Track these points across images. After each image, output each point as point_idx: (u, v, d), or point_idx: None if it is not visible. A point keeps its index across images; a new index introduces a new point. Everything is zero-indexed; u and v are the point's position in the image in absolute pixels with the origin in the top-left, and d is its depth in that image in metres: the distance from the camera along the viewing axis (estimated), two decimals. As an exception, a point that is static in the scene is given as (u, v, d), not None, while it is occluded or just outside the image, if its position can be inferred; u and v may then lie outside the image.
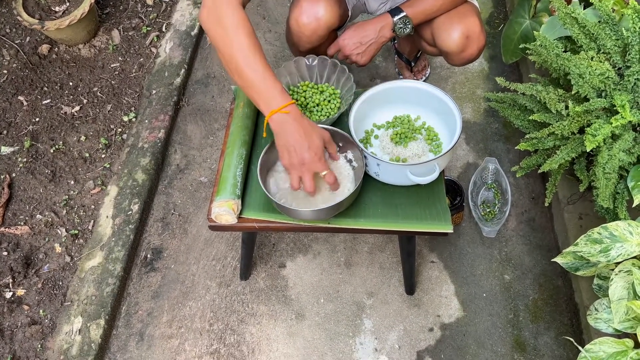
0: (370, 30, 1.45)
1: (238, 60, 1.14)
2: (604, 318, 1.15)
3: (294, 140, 1.13)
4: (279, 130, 1.14)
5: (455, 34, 1.42)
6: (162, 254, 1.71)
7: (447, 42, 1.44)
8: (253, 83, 1.14)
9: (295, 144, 1.13)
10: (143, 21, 2.23)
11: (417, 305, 1.59)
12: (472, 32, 1.43)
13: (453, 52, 1.46)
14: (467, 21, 1.42)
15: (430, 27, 1.49)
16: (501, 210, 1.70)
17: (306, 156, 1.13)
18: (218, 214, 1.21)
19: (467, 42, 1.44)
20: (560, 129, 1.28)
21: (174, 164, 1.91)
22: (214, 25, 1.16)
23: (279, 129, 1.14)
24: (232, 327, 1.57)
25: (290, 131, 1.13)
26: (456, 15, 1.43)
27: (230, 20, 1.14)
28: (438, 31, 1.46)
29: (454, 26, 1.42)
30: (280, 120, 1.13)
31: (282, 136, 1.14)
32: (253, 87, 1.14)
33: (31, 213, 1.74)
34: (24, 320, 1.54)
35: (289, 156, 1.14)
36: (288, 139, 1.13)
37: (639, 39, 1.23)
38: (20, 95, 2.01)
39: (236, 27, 1.13)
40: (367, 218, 1.24)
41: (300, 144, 1.13)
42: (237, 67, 1.14)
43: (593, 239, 1.12)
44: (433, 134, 1.33)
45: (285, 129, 1.13)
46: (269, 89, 1.13)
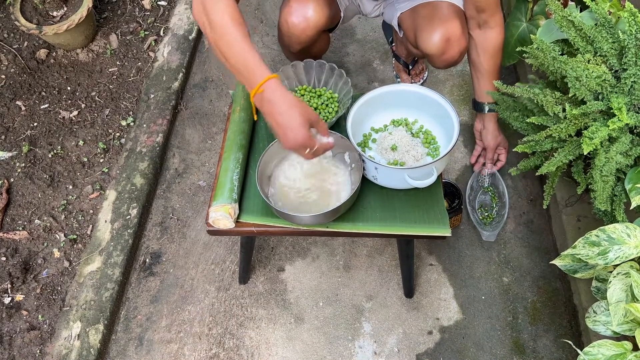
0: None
1: (222, 45, 1.10)
2: (603, 320, 1.15)
3: (275, 121, 1.07)
4: (262, 109, 1.09)
5: (435, 37, 1.42)
6: (161, 258, 1.71)
7: (428, 45, 1.44)
8: (235, 65, 1.10)
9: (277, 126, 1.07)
10: (141, 25, 2.23)
11: (416, 308, 1.59)
12: (453, 35, 1.43)
13: (434, 55, 1.46)
14: (448, 24, 1.43)
15: (414, 28, 1.50)
16: (499, 213, 1.70)
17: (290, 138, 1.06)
18: (215, 218, 1.21)
19: (448, 44, 1.43)
20: (558, 132, 1.28)
21: (172, 168, 1.91)
22: (201, 14, 1.13)
23: (261, 108, 1.09)
24: (231, 331, 1.56)
25: (269, 112, 1.07)
26: (438, 18, 1.44)
27: (217, 5, 1.10)
28: (419, 33, 1.46)
29: (435, 29, 1.42)
30: (260, 100, 1.08)
31: (265, 115, 1.09)
32: (236, 70, 1.10)
33: (30, 218, 1.74)
34: (23, 326, 1.54)
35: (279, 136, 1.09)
36: (270, 119, 1.08)
37: (635, 42, 1.23)
38: (18, 100, 2.01)
39: (222, 12, 1.10)
40: (366, 222, 1.25)
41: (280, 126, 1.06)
42: (222, 52, 1.11)
43: (591, 241, 1.12)
44: (431, 138, 1.33)
45: (265, 109, 1.08)
46: (248, 69, 1.08)
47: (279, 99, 1.06)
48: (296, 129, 1.05)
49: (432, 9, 1.47)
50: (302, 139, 1.05)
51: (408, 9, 1.54)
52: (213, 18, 1.09)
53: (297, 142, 1.05)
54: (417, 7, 1.52)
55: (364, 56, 2.16)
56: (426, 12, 1.48)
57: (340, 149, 1.29)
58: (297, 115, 1.05)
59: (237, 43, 1.08)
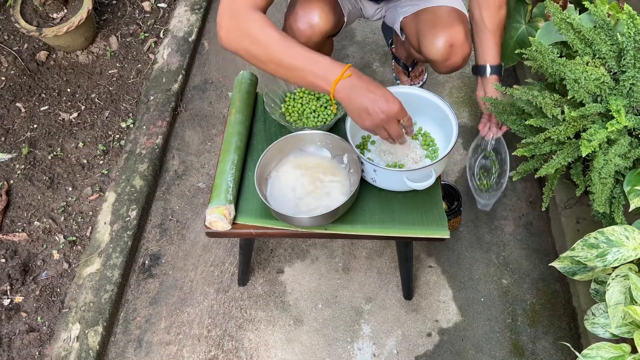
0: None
1: (280, 55, 1.11)
2: (601, 323, 1.15)
3: (367, 98, 1.09)
4: (348, 97, 1.11)
5: (439, 43, 1.42)
6: (160, 260, 1.71)
7: (432, 51, 1.43)
8: (304, 68, 1.11)
9: (370, 102, 1.10)
10: (141, 27, 2.24)
11: (415, 310, 1.59)
12: (457, 41, 1.42)
13: (437, 60, 1.45)
14: (452, 30, 1.42)
15: (417, 33, 1.49)
16: (498, 181, 1.59)
17: (385, 107, 1.10)
18: (211, 220, 1.21)
19: (451, 50, 1.43)
20: (557, 134, 1.28)
21: (171, 170, 1.91)
22: (239, 38, 1.13)
23: (347, 95, 1.11)
24: (230, 333, 1.56)
25: (359, 92, 1.10)
26: (441, 24, 1.43)
27: (254, 24, 1.12)
28: (423, 39, 1.46)
29: (439, 34, 1.42)
30: (345, 87, 1.10)
31: (353, 100, 1.11)
32: (305, 72, 1.11)
33: (29, 220, 1.74)
34: (22, 328, 1.54)
35: (370, 117, 1.11)
36: (361, 100, 1.10)
37: (634, 44, 1.23)
38: (18, 102, 2.01)
39: (262, 27, 1.12)
40: (364, 224, 1.25)
41: (375, 100, 1.10)
42: (280, 62, 1.12)
43: (590, 243, 1.12)
44: (429, 140, 1.33)
45: (353, 93, 1.10)
46: (321, 65, 1.11)
47: (367, 79, 1.11)
48: (392, 98, 1.11)
49: (435, 14, 1.47)
50: (398, 105, 1.11)
51: (411, 14, 1.54)
52: (260, 37, 1.11)
53: (394, 109, 1.10)
54: (420, 12, 1.51)
55: (364, 58, 2.17)
56: (429, 17, 1.47)
57: (339, 151, 1.29)
58: (388, 90, 1.12)
59: (298, 48, 1.11)
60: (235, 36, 1.14)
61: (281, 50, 1.11)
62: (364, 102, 1.10)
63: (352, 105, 1.12)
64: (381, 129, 1.13)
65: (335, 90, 1.10)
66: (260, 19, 1.12)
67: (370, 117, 1.11)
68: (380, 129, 1.13)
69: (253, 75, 1.50)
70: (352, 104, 1.11)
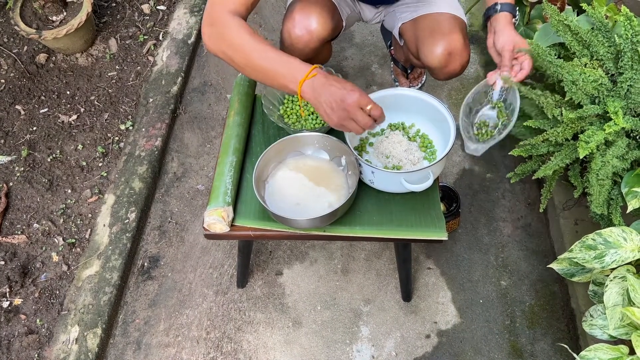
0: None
1: (253, 59, 1.14)
2: (599, 324, 1.15)
3: (329, 93, 1.10)
4: (313, 95, 1.11)
5: (437, 50, 1.41)
6: (159, 262, 1.71)
7: (430, 58, 1.43)
8: (274, 70, 1.13)
9: (331, 96, 1.10)
10: (140, 30, 2.24)
11: (414, 312, 1.59)
12: (455, 48, 1.42)
13: (435, 68, 1.45)
14: (450, 37, 1.42)
15: (415, 40, 1.49)
16: (500, 132, 1.37)
17: (347, 98, 1.09)
18: (209, 222, 1.21)
19: (450, 58, 1.43)
20: (555, 135, 1.28)
21: (171, 172, 1.91)
22: (218, 44, 1.17)
23: (312, 94, 1.11)
24: (229, 335, 1.57)
25: (322, 89, 1.10)
26: (440, 31, 1.42)
27: (230, 29, 1.15)
28: (421, 46, 1.46)
29: (437, 42, 1.41)
30: (311, 86, 1.11)
31: (318, 98, 1.11)
32: (276, 74, 1.13)
33: (28, 222, 1.74)
34: (21, 330, 1.54)
35: (334, 111, 1.10)
36: (324, 96, 1.10)
37: (631, 46, 1.24)
38: (17, 104, 2.01)
39: (237, 32, 1.14)
40: (362, 226, 1.25)
41: (335, 92, 1.10)
42: (254, 66, 1.14)
43: (587, 245, 1.12)
44: (427, 142, 1.34)
45: (317, 90, 1.11)
46: (290, 67, 1.12)
47: (331, 77, 1.12)
48: (352, 87, 1.10)
49: (434, 21, 1.47)
50: (358, 93, 1.09)
51: (409, 20, 1.54)
52: (235, 41, 1.15)
53: (354, 97, 1.09)
54: (418, 19, 1.51)
55: (363, 60, 2.17)
56: (428, 24, 1.47)
57: (337, 153, 1.29)
58: (350, 83, 1.12)
59: (269, 51, 1.13)
60: (214, 42, 1.18)
61: (254, 54, 1.13)
62: (327, 98, 1.10)
63: (317, 103, 1.12)
64: (349, 120, 1.11)
65: (302, 91, 1.12)
66: (236, 24, 1.15)
67: (334, 111, 1.10)
68: (349, 121, 1.11)
69: (251, 77, 1.50)
70: (317, 101, 1.11)
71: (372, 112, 1.11)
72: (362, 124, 1.11)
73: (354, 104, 1.09)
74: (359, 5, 1.61)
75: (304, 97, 1.13)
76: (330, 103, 1.10)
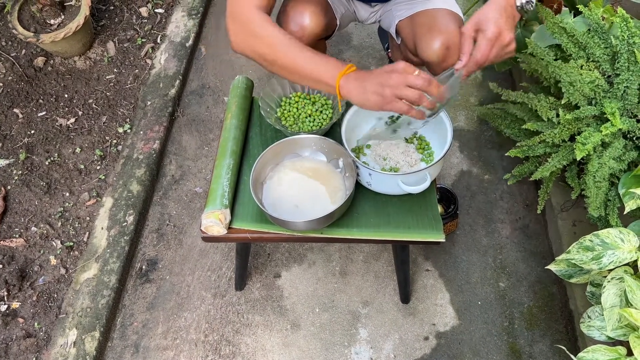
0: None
1: (286, 57, 1.13)
2: (597, 326, 1.15)
3: (374, 75, 1.08)
4: (355, 86, 1.10)
5: (435, 45, 1.42)
6: (157, 265, 1.71)
7: (428, 53, 1.43)
8: (308, 66, 1.13)
9: (377, 76, 1.08)
10: (138, 33, 2.24)
11: (413, 314, 1.59)
12: (453, 43, 1.42)
13: (434, 63, 1.45)
14: (447, 32, 1.42)
15: (413, 36, 1.50)
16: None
17: (394, 67, 1.06)
18: (207, 225, 1.21)
19: (448, 52, 1.43)
20: (552, 137, 1.28)
21: (169, 174, 1.91)
22: (246, 40, 1.16)
23: (353, 85, 1.10)
24: (227, 338, 1.56)
25: (364, 77, 1.09)
26: (437, 26, 1.43)
27: (257, 24, 1.14)
28: (419, 41, 1.46)
29: (435, 37, 1.42)
30: (349, 79, 1.10)
31: (359, 89, 1.09)
32: (311, 70, 1.13)
33: (26, 225, 1.74)
34: (19, 333, 1.54)
35: (382, 88, 1.07)
36: (369, 81, 1.08)
37: (627, 47, 1.24)
38: (15, 107, 2.02)
39: (264, 27, 1.14)
40: (360, 228, 1.25)
41: (380, 73, 1.08)
42: (286, 64, 1.14)
43: (585, 246, 1.12)
44: (425, 143, 1.34)
45: (361, 78, 1.09)
46: (326, 65, 1.12)
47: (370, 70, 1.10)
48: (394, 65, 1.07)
49: (431, 17, 1.47)
50: (402, 63, 1.06)
51: (406, 17, 1.54)
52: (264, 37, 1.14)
53: (400, 66, 1.06)
54: (415, 15, 1.52)
55: (360, 62, 2.17)
56: (425, 20, 1.48)
57: (335, 155, 1.29)
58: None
59: (303, 48, 1.13)
60: (242, 38, 1.17)
61: (286, 49, 1.13)
62: (373, 80, 1.08)
63: (357, 92, 1.10)
64: (403, 88, 1.05)
65: (341, 86, 1.11)
66: (263, 19, 1.15)
67: (384, 87, 1.07)
68: (403, 89, 1.05)
69: (249, 79, 1.50)
70: (362, 89, 1.09)
71: (423, 75, 1.07)
72: (419, 85, 1.06)
73: (402, 69, 1.07)
74: (354, 3, 1.61)
75: (342, 91, 1.11)
76: (378, 80, 1.08)
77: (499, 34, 1.10)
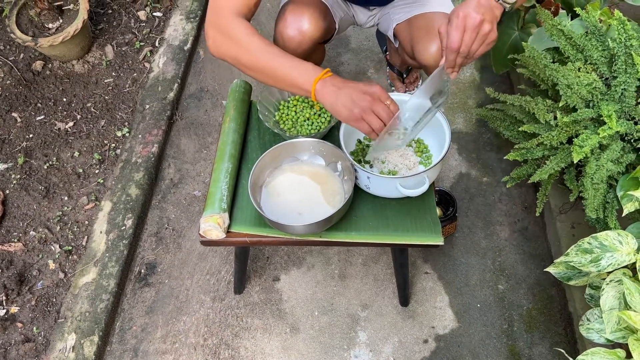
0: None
1: (263, 62, 1.14)
2: (596, 328, 1.15)
3: (349, 88, 1.10)
4: (329, 92, 1.11)
5: (432, 48, 1.42)
6: (156, 268, 1.71)
7: (425, 56, 1.44)
8: (284, 71, 1.14)
9: (352, 90, 1.09)
10: (136, 36, 2.24)
11: (412, 317, 1.59)
12: None
13: (431, 66, 1.46)
14: None
15: (410, 40, 1.50)
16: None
17: (369, 89, 1.09)
18: (205, 229, 1.21)
19: None
20: (550, 139, 1.28)
21: (167, 178, 1.91)
22: (225, 46, 1.17)
23: (328, 91, 1.11)
24: (226, 341, 1.56)
25: (340, 86, 1.10)
26: (434, 29, 1.43)
27: (236, 30, 1.15)
28: (416, 45, 1.46)
29: (432, 40, 1.42)
30: (325, 84, 1.11)
31: (336, 92, 1.10)
32: (286, 75, 1.14)
33: (25, 230, 1.74)
34: (18, 338, 1.54)
35: (354, 103, 1.09)
36: (343, 91, 1.10)
37: (624, 50, 1.24)
38: (14, 111, 2.01)
39: (244, 33, 1.15)
40: (359, 231, 1.25)
41: (355, 87, 1.10)
42: (263, 68, 1.15)
43: (583, 248, 1.12)
44: (423, 147, 1.34)
45: (336, 85, 1.11)
46: (302, 70, 1.13)
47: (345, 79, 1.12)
48: (369, 83, 1.10)
49: (428, 20, 1.47)
50: (379, 87, 1.09)
51: (404, 20, 1.55)
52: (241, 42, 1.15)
53: (376, 89, 1.09)
54: (413, 19, 1.52)
55: (359, 65, 2.17)
56: (422, 24, 1.48)
57: (333, 159, 1.29)
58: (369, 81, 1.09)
59: (279, 52, 1.14)
60: (220, 44, 1.18)
61: (263, 54, 1.14)
62: (347, 91, 1.10)
63: (335, 99, 1.11)
64: (370, 113, 1.09)
65: (316, 91, 1.12)
66: (241, 24, 1.16)
67: (356, 104, 1.09)
68: (369, 114, 1.09)
69: (247, 83, 1.50)
70: (335, 97, 1.11)
71: (392, 107, 1.10)
72: (384, 116, 1.09)
73: (376, 95, 1.09)
74: (352, 7, 1.61)
75: (317, 95, 1.12)
76: (351, 95, 1.09)
77: (464, 18, 1.04)
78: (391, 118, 1.10)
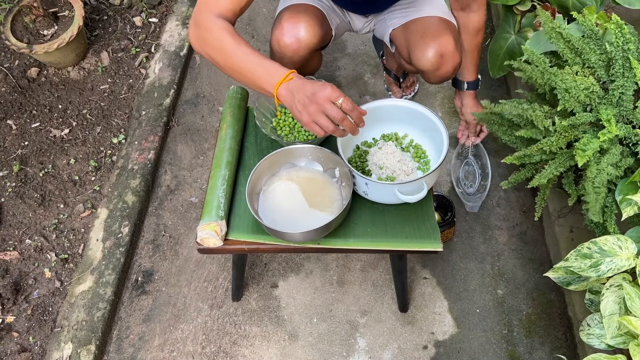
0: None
1: (233, 60, 1.16)
2: (597, 334, 1.14)
3: (302, 91, 1.10)
4: (288, 95, 1.12)
5: (429, 53, 1.42)
6: (153, 276, 1.69)
7: (422, 61, 1.44)
8: (253, 72, 1.15)
9: (304, 93, 1.10)
10: (132, 42, 2.23)
11: (411, 323, 1.58)
12: (447, 51, 1.42)
13: (428, 71, 1.46)
14: (441, 40, 1.42)
15: (407, 45, 1.50)
16: (482, 184, 1.76)
17: (318, 91, 1.08)
18: (202, 237, 1.20)
19: (442, 60, 1.43)
20: (548, 145, 1.28)
21: (164, 185, 1.90)
22: (202, 45, 1.20)
23: (287, 95, 1.12)
24: (224, 349, 1.55)
25: (297, 89, 1.11)
26: (431, 34, 1.43)
27: (212, 31, 1.18)
28: (413, 50, 1.46)
29: (429, 45, 1.42)
30: (286, 88, 1.12)
31: (292, 97, 1.11)
32: (254, 76, 1.15)
33: (20, 238, 1.73)
34: (14, 348, 1.52)
35: (304, 107, 1.09)
36: (298, 95, 1.10)
37: (622, 53, 1.24)
38: (9, 119, 2.00)
39: (219, 34, 1.17)
40: (357, 237, 1.24)
41: (308, 90, 1.10)
42: (234, 67, 1.17)
43: (583, 253, 1.11)
44: (421, 152, 1.33)
45: (292, 90, 1.11)
46: (268, 70, 1.14)
47: (307, 80, 1.13)
48: (325, 84, 1.10)
49: (424, 25, 1.47)
50: (329, 87, 1.09)
51: (400, 25, 1.54)
52: (216, 42, 1.17)
53: (325, 90, 1.08)
54: (408, 23, 1.52)
55: (355, 70, 2.17)
56: (418, 28, 1.48)
57: (331, 165, 1.29)
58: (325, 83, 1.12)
59: (249, 53, 1.15)
60: (199, 43, 1.21)
61: (234, 55, 1.16)
62: (300, 96, 1.10)
63: (292, 103, 1.12)
64: (320, 115, 1.09)
65: (279, 94, 1.13)
66: (219, 26, 1.17)
67: (306, 107, 1.09)
68: (319, 115, 1.09)
69: (243, 89, 1.50)
70: (291, 101, 1.12)
71: (344, 105, 1.09)
72: (333, 116, 1.09)
73: (325, 97, 1.08)
74: (348, 15, 1.61)
75: (280, 99, 1.14)
76: (302, 100, 1.10)
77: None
78: (341, 116, 1.09)
